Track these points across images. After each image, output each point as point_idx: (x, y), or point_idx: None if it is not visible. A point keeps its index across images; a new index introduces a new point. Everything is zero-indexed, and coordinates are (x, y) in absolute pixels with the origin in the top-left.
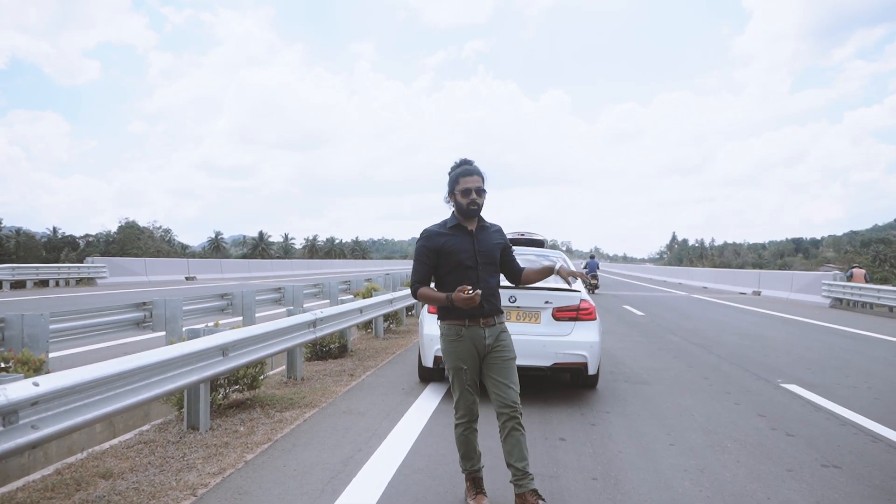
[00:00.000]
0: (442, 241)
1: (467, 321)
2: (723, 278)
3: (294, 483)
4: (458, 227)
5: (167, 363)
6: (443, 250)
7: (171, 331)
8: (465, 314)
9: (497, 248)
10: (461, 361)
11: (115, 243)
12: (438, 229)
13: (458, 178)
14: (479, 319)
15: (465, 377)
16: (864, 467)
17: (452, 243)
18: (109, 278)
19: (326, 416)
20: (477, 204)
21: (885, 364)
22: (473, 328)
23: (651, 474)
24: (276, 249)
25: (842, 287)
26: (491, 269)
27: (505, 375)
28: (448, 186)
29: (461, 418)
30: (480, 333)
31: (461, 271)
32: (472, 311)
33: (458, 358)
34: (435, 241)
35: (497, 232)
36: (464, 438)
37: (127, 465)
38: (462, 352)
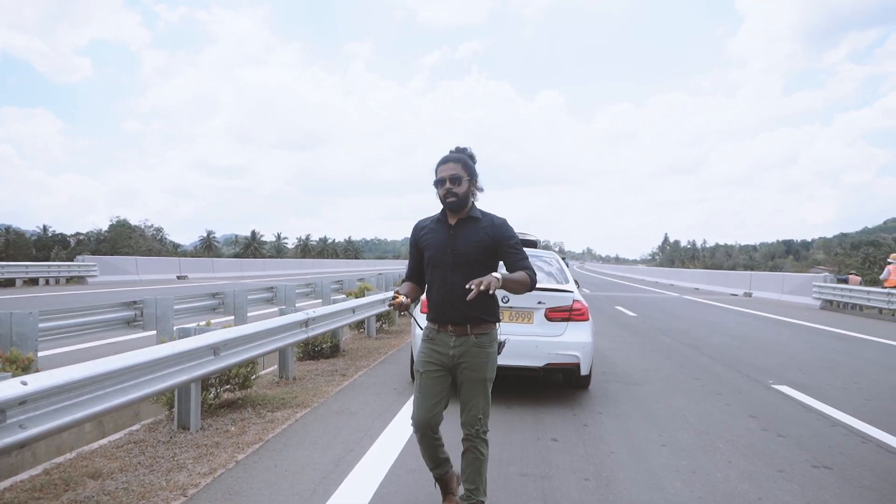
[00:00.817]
0: (420, 235)
1: (438, 325)
2: (714, 280)
3: (285, 483)
4: (441, 220)
5: (157, 362)
6: (420, 245)
7: (162, 330)
8: (434, 317)
9: (476, 246)
10: (421, 364)
11: (106, 242)
12: (425, 222)
13: (436, 167)
14: (448, 326)
15: (420, 381)
16: (855, 468)
17: (429, 238)
18: (100, 277)
19: (318, 416)
20: (454, 194)
21: (875, 365)
22: (442, 334)
23: (643, 475)
24: (269, 249)
25: (832, 289)
26: (466, 270)
27: (467, 395)
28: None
29: (412, 425)
30: (447, 341)
31: (432, 269)
32: (440, 315)
33: (419, 360)
34: (416, 235)
35: (487, 228)
36: (422, 445)
37: (116, 464)
38: (425, 354)
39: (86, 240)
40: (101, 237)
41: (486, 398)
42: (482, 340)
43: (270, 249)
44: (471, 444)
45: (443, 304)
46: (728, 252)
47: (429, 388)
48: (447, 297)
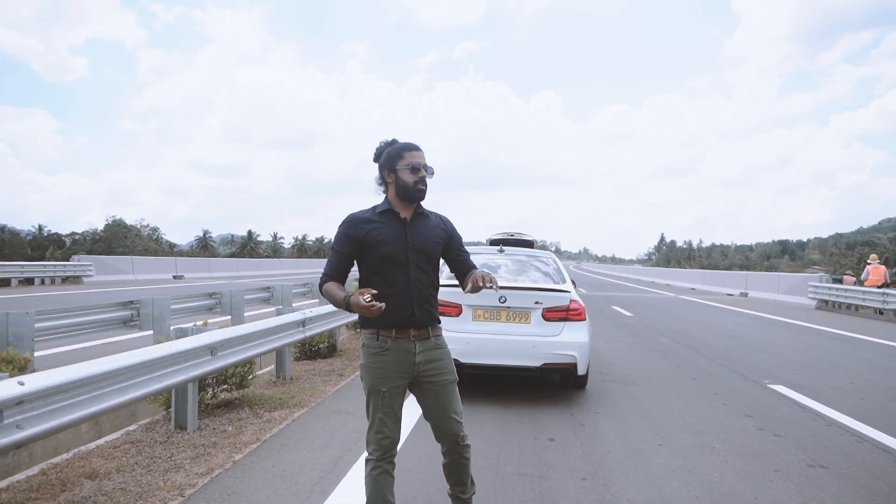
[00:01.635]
0: (367, 230)
1: (395, 332)
2: (710, 280)
3: (283, 483)
4: (389, 212)
5: (155, 362)
6: (366, 241)
7: (159, 330)
8: (391, 323)
9: (437, 242)
10: (381, 382)
11: (102, 241)
12: (365, 214)
13: (401, 151)
14: (410, 331)
15: (382, 402)
16: (850, 467)
17: (379, 232)
18: (96, 277)
19: (316, 415)
20: (425, 184)
21: (870, 365)
22: (401, 341)
23: (640, 474)
24: (265, 249)
25: (827, 289)
26: (427, 267)
27: (445, 403)
28: (384, 163)
29: (372, 454)
30: (409, 348)
31: (388, 268)
32: (401, 319)
33: (377, 376)
34: (358, 229)
35: (440, 224)
36: (372, 481)
37: (113, 465)
38: (384, 369)
39: (81, 239)
40: (97, 237)
41: (458, 400)
42: (440, 341)
43: (267, 249)
44: (455, 455)
45: (408, 306)
46: (724, 252)
47: (392, 407)
48: (414, 299)
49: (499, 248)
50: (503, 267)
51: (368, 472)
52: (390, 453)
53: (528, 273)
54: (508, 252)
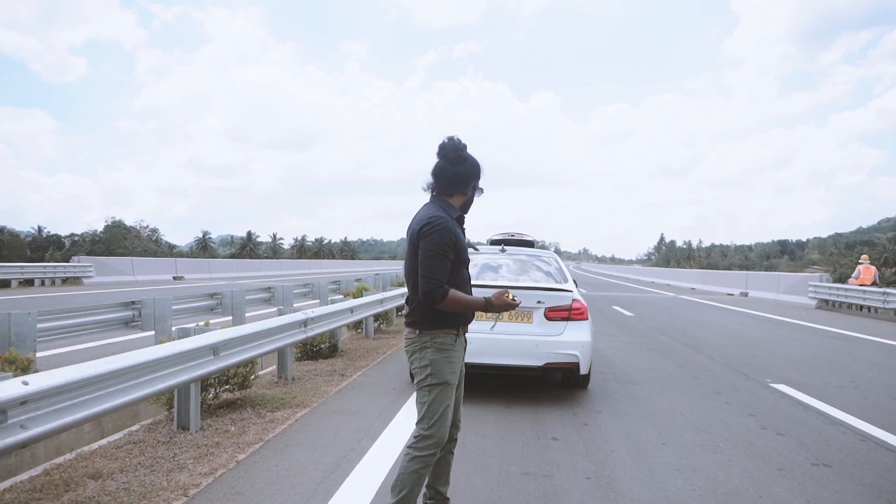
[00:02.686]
0: (457, 234)
1: (460, 329)
2: (710, 279)
3: (286, 483)
4: (460, 218)
5: (157, 362)
6: (459, 244)
7: (161, 330)
8: (463, 321)
9: None
10: (452, 376)
11: (101, 243)
12: (449, 220)
13: (480, 171)
14: (466, 328)
15: (451, 395)
16: (854, 466)
17: (461, 237)
18: (96, 278)
19: (318, 416)
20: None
21: (870, 364)
22: (462, 337)
23: (644, 473)
24: (265, 249)
25: (828, 288)
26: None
27: (461, 393)
28: (471, 174)
29: (428, 449)
30: (464, 343)
31: (463, 271)
32: (466, 317)
33: (450, 371)
34: (455, 233)
35: None
36: (416, 479)
37: (116, 465)
38: (455, 363)
39: (81, 240)
40: (97, 238)
41: None
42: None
43: (266, 250)
44: (448, 449)
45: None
46: (723, 252)
47: (452, 399)
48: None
49: (500, 248)
50: (505, 266)
51: (416, 470)
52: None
53: (530, 273)
54: (510, 252)
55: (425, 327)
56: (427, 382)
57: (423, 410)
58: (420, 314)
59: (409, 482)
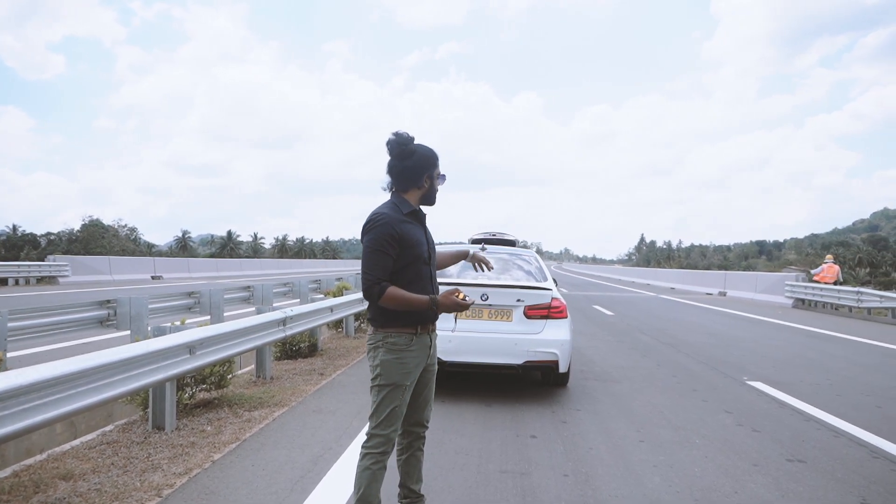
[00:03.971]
0: (405, 230)
1: (419, 328)
2: (690, 279)
3: (262, 482)
4: (416, 213)
5: (131, 361)
6: (405, 240)
7: (137, 329)
8: (419, 319)
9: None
10: (404, 377)
11: (79, 242)
12: (397, 214)
13: (436, 159)
14: (429, 326)
15: (402, 397)
16: (828, 461)
17: (412, 232)
18: (72, 277)
19: (296, 414)
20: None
21: (845, 362)
22: (423, 336)
23: (621, 470)
24: (245, 249)
25: (803, 288)
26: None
27: (430, 392)
28: (424, 165)
29: (374, 448)
30: (426, 342)
31: (417, 268)
32: (427, 316)
33: (401, 373)
34: (399, 229)
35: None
36: (371, 476)
37: (89, 466)
38: (407, 365)
39: (57, 240)
40: (73, 237)
41: None
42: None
43: (247, 249)
44: (418, 447)
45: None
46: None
47: (405, 403)
48: (433, 294)
49: (481, 247)
50: None
51: (368, 466)
52: (392, 448)
53: (511, 271)
54: (490, 250)
55: (378, 325)
56: (376, 382)
57: (372, 409)
58: (374, 311)
59: (364, 480)
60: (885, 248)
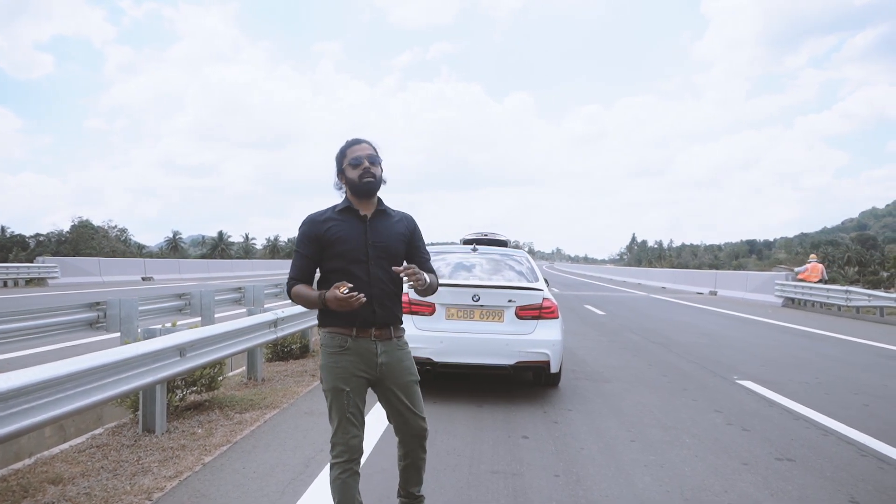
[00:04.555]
0: (326, 228)
1: (355, 330)
2: (681, 279)
3: (254, 485)
4: (348, 210)
5: (121, 364)
6: (326, 239)
7: (126, 331)
8: (352, 321)
9: (399, 240)
10: (342, 381)
11: (68, 243)
12: (325, 214)
13: (344, 150)
14: (371, 330)
15: (346, 402)
16: (817, 460)
17: (339, 230)
18: (61, 279)
19: (287, 417)
20: (372, 175)
21: (834, 361)
22: (362, 340)
23: (612, 470)
24: (237, 250)
25: (793, 287)
26: (388, 264)
27: (412, 402)
28: (336, 167)
29: (338, 457)
30: (371, 348)
31: (348, 265)
32: (362, 317)
33: (337, 376)
34: (317, 228)
35: (403, 221)
36: (341, 485)
37: (78, 469)
38: (345, 369)
39: (46, 241)
40: (63, 238)
41: (422, 400)
42: (402, 342)
43: (238, 250)
44: (418, 454)
45: (369, 304)
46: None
47: (358, 407)
48: (375, 296)
49: (472, 247)
50: (477, 266)
51: (336, 476)
52: (359, 453)
53: (502, 272)
54: (482, 251)
55: (320, 323)
56: (322, 387)
57: (329, 417)
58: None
59: (336, 491)
60: (874, 247)
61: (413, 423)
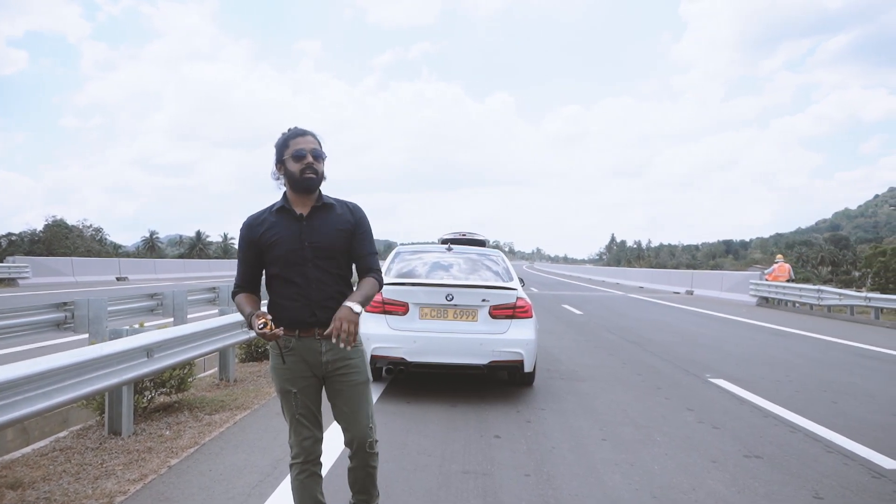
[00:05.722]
0: (261, 231)
1: (298, 331)
2: (658, 278)
3: (219, 488)
4: (283, 210)
5: (84, 365)
6: (262, 243)
7: (95, 332)
8: (293, 323)
9: (339, 236)
10: (288, 382)
11: (41, 243)
12: (262, 215)
13: (286, 141)
14: (314, 330)
15: (294, 403)
16: (784, 456)
17: (274, 233)
18: (32, 279)
19: (258, 417)
20: (314, 170)
21: (805, 359)
22: (306, 340)
23: (583, 469)
24: (215, 249)
25: (767, 286)
26: (330, 264)
27: (355, 405)
28: (275, 157)
29: (295, 458)
30: (315, 347)
31: (286, 268)
32: (301, 320)
33: (285, 377)
34: (253, 232)
35: (345, 213)
36: (300, 485)
37: (39, 473)
38: (290, 370)
39: (19, 240)
40: (36, 237)
41: (371, 403)
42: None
43: (217, 250)
44: (362, 462)
45: (308, 307)
46: (672, 252)
47: (308, 408)
48: (314, 299)
49: (447, 247)
50: (454, 266)
51: (295, 477)
52: (315, 454)
53: (478, 271)
54: (458, 250)
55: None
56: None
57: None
58: None
59: (295, 492)
60: (846, 247)
61: (356, 427)
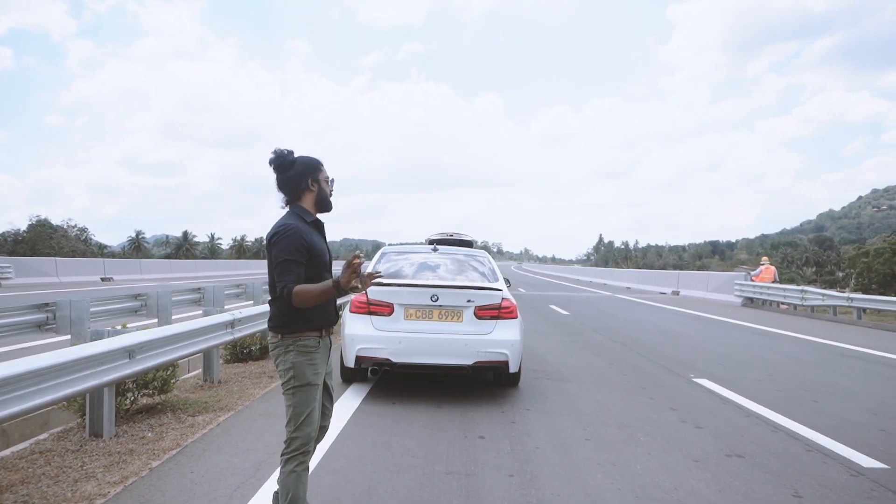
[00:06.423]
0: (311, 239)
1: (323, 331)
2: (645, 279)
3: (201, 490)
4: (316, 222)
5: (64, 366)
6: (312, 250)
7: (77, 333)
8: (326, 323)
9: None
10: (317, 376)
11: (25, 242)
12: (303, 224)
13: (319, 164)
14: (330, 330)
15: (317, 396)
16: (765, 456)
17: (317, 241)
18: (15, 279)
19: (242, 419)
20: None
21: (787, 359)
22: (326, 339)
23: (566, 469)
24: (202, 250)
25: (752, 287)
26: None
27: (329, 397)
28: (305, 172)
29: (298, 449)
30: (328, 345)
31: (321, 274)
32: (328, 319)
33: (315, 373)
34: (308, 239)
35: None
36: (296, 478)
37: (17, 476)
38: (318, 365)
39: (2, 240)
40: (20, 237)
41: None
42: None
43: (203, 250)
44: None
45: (333, 308)
46: (659, 252)
47: (321, 401)
48: (332, 301)
49: (433, 248)
50: (440, 266)
51: (293, 469)
52: (313, 447)
53: (463, 272)
54: (445, 251)
55: (287, 331)
56: (290, 385)
57: (289, 413)
58: (280, 318)
59: (291, 483)
60: (830, 248)
61: (327, 419)
